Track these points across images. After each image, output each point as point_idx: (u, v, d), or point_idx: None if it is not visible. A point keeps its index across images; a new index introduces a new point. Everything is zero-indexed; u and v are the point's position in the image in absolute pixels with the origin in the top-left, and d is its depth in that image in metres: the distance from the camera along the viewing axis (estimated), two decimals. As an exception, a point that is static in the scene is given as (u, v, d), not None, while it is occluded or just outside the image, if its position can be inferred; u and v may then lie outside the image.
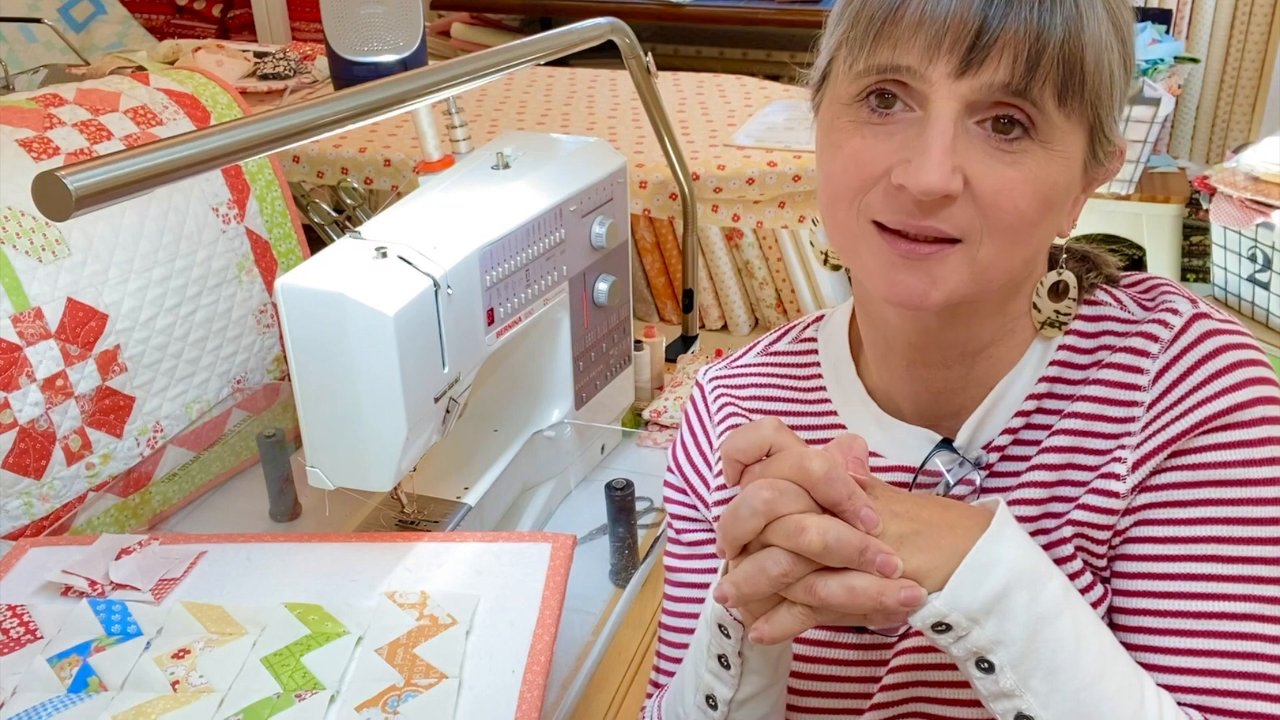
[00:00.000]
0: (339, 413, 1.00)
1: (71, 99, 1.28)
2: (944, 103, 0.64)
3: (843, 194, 0.69)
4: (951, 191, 0.64)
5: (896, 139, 0.66)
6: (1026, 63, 0.63)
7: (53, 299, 1.15)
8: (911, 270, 0.67)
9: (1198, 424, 0.68)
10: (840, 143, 0.69)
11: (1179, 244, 2.44)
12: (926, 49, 0.64)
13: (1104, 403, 0.72)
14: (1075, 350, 0.74)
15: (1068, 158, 0.67)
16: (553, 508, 1.28)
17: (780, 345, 0.87)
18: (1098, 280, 0.77)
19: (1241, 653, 0.66)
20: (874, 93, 0.67)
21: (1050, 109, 0.64)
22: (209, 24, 3.56)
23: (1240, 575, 0.67)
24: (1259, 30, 3.24)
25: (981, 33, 0.63)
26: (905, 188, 0.64)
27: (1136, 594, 0.70)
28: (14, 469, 1.12)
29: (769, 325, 1.76)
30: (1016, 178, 0.65)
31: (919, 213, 0.65)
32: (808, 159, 1.57)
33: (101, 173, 0.75)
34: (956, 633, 0.62)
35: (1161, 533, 0.69)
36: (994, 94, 0.64)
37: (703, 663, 0.73)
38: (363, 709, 0.85)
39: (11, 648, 0.94)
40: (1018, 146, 0.65)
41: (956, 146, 0.64)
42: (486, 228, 1.09)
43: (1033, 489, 0.73)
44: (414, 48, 1.24)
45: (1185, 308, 0.71)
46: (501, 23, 3.39)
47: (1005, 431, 0.75)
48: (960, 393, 0.76)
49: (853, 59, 0.67)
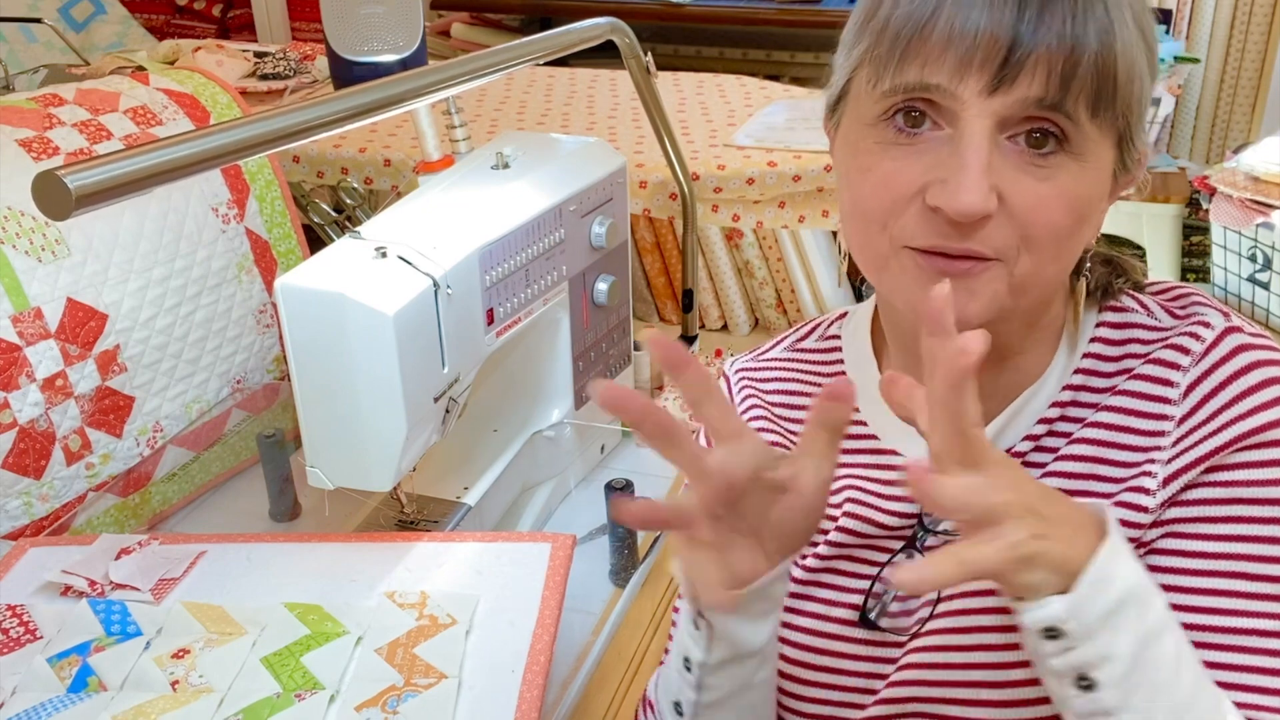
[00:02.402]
0: (339, 413, 1.00)
1: (71, 99, 1.28)
2: (976, 120, 0.63)
3: (874, 217, 0.67)
4: (990, 211, 0.63)
5: (927, 159, 0.65)
6: (1061, 77, 0.62)
7: (52, 299, 1.15)
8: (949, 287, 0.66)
9: (1231, 441, 0.67)
10: (868, 166, 0.67)
11: (1179, 244, 2.43)
12: (957, 67, 0.62)
13: (1131, 414, 0.71)
14: (1100, 358, 0.74)
15: (1099, 169, 0.66)
16: (552, 508, 1.28)
17: (807, 342, 0.87)
18: (1124, 285, 0.76)
19: (1265, 669, 0.66)
20: (901, 111, 0.65)
21: (1084, 120, 0.63)
22: (209, 24, 3.56)
23: (1267, 594, 0.66)
24: (1259, 30, 3.24)
25: (1014, 49, 0.61)
26: (941, 209, 0.63)
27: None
28: (14, 469, 1.12)
29: (769, 325, 1.76)
30: (1050, 193, 0.64)
31: (956, 235, 0.64)
32: (808, 159, 1.57)
33: (101, 172, 0.74)
34: (1067, 642, 0.59)
35: (1190, 547, 0.68)
36: (1027, 109, 0.62)
37: (684, 626, 0.72)
38: (362, 709, 0.85)
39: (11, 648, 0.94)
40: (1051, 161, 0.64)
41: (991, 164, 0.63)
42: (486, 228, 1.09)
43: None
44: (414, 48, 1.24)
45: (1218, 321, 0.70)
46: (501, 23, 3.39)
47: (1027, 438, 0.74)
48: (986, 398, 0.75)
49: (877, 78, 0.66)
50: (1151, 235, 2.41)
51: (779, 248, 1.68)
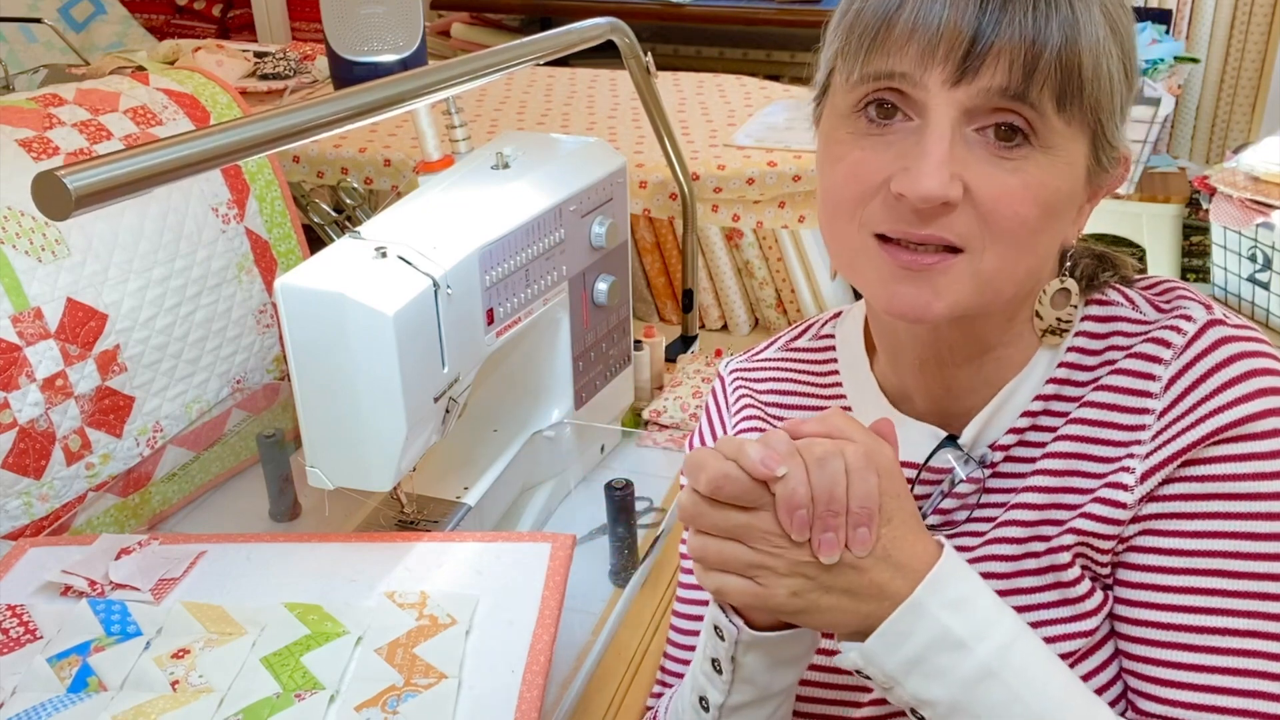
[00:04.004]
0: (339, 413, 1.00)
1: (71, 99, 1.28)
2: (941, 109, 0.64)
3: (843, 205, 0.69)
4: (950, 198, 0.64)
5: (895, 149, 0.66)
6: (1024, 68, 0.63)
7: (52, 299, 1.15)
8: (913, 282, 0.67)
9: (1209, 434, 0.66)
10: (840, 155, 0.69)
11: (1179, 244, 2.43)
12: (920, 57, 0.64)
13: (1112, 409, 0.71)
14: (1084, 352, 0.74)
15: (1070, 164, 0.67)
16: (552, 508, 1.28)
17: (800, 342, 0.88)
18: (1111, 279, 0.76)
19: (1240, 670, 0.66)
20: (872, 103, 0.67)
21: (1050, 113, 0.64)
22: (209, 24, 3.56)
23: (1245, 591, 0.66)
24: (1259, 30, 3.24)
25: (976, 40, 0.63)
26: (904, 196, 0.64)
27: (1138, 604, 0.69)
28: (14, 469, 1.12)
29: (769, 325, 1.76)
30: (1016, 184, 0.65)
31: (918, 221, 0.65)
32: (808, 159, 1.57)
33: (101, 172, 0.74)
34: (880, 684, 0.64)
35: (1167, 544, 0.68)
36: (992, 99, 0.64)
37: (699, 663, 0.73)
38: (362, 709, 0.85)
39: (11, 648, 0.94)
40: (1019, 154, 0.65)
41: (955, 154, 0.64)
42: (486, 228, 1.09)
43: (1035, 494, 0.72)
44: (414, 48, 1.24)
45: (1199, 314, 0.70)
46: (501, 23, 3.39)
47: (1011, 431, 0.74)
48: (971, 393, 0.76)
49: (849, 70, 0.68)
50: (1151, 235, 2.41)
51: (779, 248, 1.68)
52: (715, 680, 0.71)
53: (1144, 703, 0.69)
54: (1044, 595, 0.71)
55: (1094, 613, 0.70)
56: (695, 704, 0.74)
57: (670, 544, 1.18)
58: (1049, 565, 0.71)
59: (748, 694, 0.71)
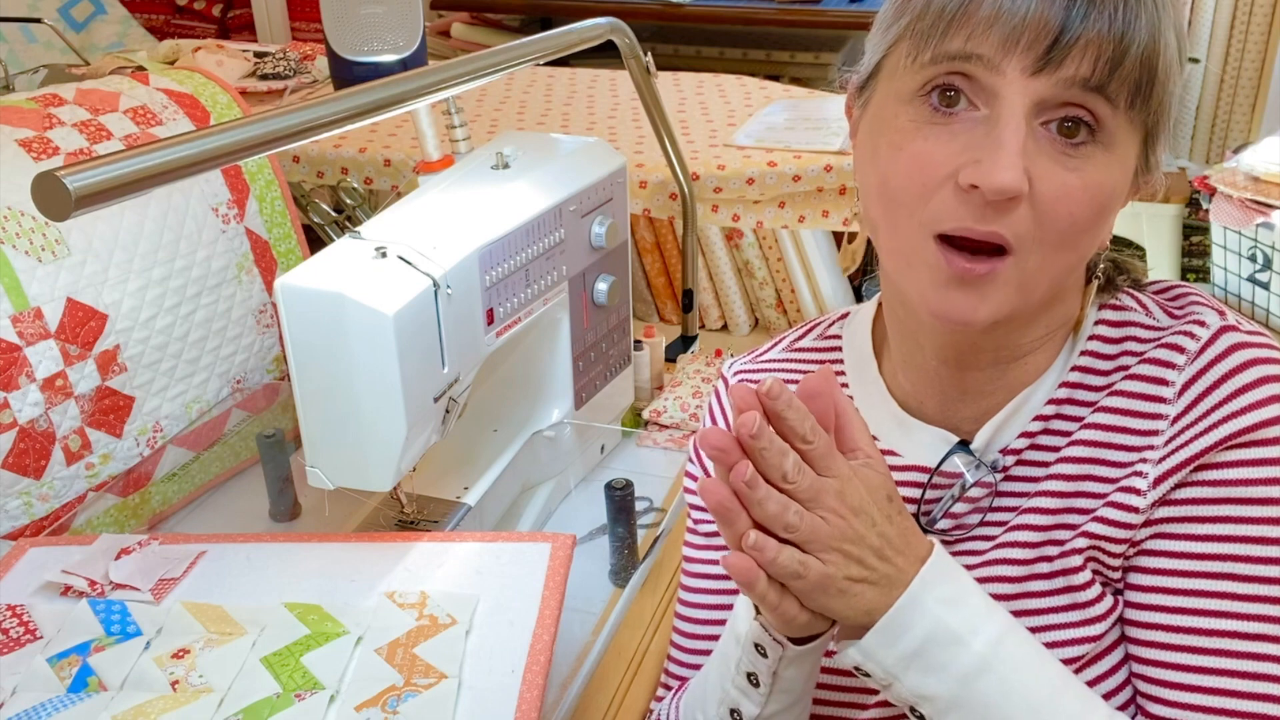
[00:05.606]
0: (339, 413, 1.00)
1: (71, 99, 1.28)
2: (1016, 99, 0.63)
3: (904, 199, 0.67)
4: (1023, 191, 0.63)
5: (961, 139, 0.65)
6: (1110, 62, 0.62)
7: (52, 299, 1.15)
8: (963, 289, 0.66)
9: (1223, 439, 0.66)
10: (900, 144, 0.67)
11: (1179, 244, 2.43)
12: (1002, 42, 0.62)
13: (1126, 414, 0.71)
14: (1098, 356, 0.74)
15: (1125, 164, 0.66)
16: (552, 508, 1.28)
17: (805, 342, 0.88)
18: (1124, 284, 0.76)
19: (1250, 673, 0.66)
20: (938, 88, 0.65)
21: (1121, 108, 0.63)
22: (209, 24, 3.55)
23: (1255, 595, 0.66)
24: (1259, 30, 3.24)
25: (1064, 32, 0.62)
26: (977, 187, 0.63)
27: (1148, 607, 0.69)
28: (14, 469, 1.12)
29: (769, 325, 1.76)
30: (1076, 184, 0.64)
31: (983, 218, 0.64)
32: (808, 159, 1.57)
33: (101, 173, 0.74)
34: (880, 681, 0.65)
35: (1179, 547, 0.68)
36: (1070, 92, 0.62)
37: (730, 677, 0.73)
38: (362, 709, 0.85)
39: (11, 648, 0.94)
40: (1081, 151, 0.64)
41: (1025, 146, 0.63)
42: (486, 228, 1.09)
43: (1048, 498, 0.72)
44: (414, 48, 1.24)
45: (1213, 320, 0.70)
46: (501, 23, 3.39)
47: (1022, 435, 0.74)
48: (989, 395, 0.75)
49: (918, 50, 0.65)
50: (1151, 235, 2.41)
51: (779, 248, 1.68)
52: (751, 694, 0.72)
53: (1154, 706, 0.69)
54: (1054, 599, 0.71)
55: (1103, 617, 0.70)
56: (725, 716, 0.74)
57: (670, 544, 1.18)
58: (1060, 569, 0.71)
59: (783, 701, 0.72)
